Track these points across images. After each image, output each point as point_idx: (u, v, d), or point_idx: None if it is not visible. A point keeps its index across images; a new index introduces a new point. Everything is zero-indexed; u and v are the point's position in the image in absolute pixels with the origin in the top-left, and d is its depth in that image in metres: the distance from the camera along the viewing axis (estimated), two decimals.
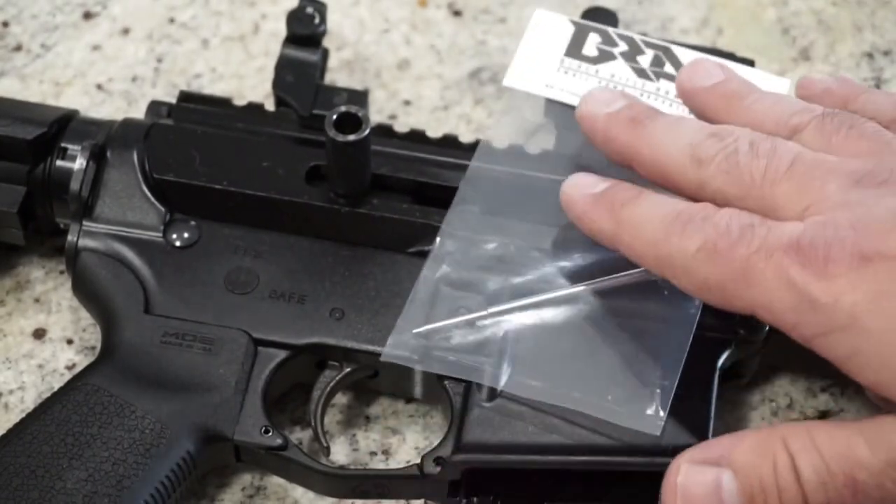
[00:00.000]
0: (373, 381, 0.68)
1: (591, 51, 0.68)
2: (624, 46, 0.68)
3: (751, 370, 0.68)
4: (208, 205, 0.67)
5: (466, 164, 0.67)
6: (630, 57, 0.68)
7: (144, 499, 0.62)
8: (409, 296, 0.64)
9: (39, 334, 0.71)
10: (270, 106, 0.71)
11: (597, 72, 0.68)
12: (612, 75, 0.67)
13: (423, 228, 0.66)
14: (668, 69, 0.68)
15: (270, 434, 0.64)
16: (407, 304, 0.64)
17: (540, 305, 0.64)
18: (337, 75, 0.78)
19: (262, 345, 0.65)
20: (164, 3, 0.81)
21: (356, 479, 0.65)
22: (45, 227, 0.70)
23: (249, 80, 0.78)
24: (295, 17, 0.71)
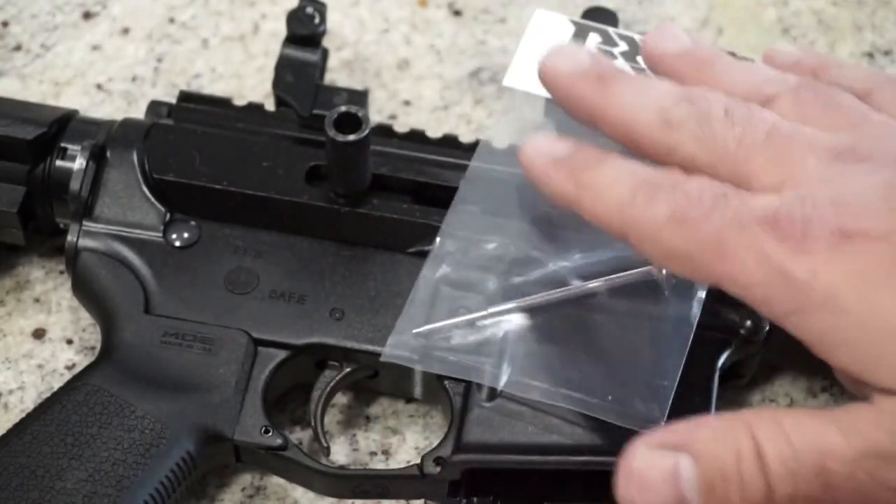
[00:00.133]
0: (373, 381, 0.68)
1: (591, 50, 0.68)
2: (624, 46, 0.68)
3: (751, 370, 0.68)
4: (208, 205, 0.67)
5: (466, 164, 0.67)
6: (630, 57, 0.68)
7: (144, 499, 0.62)
8: (409, 296, 0.64)
9: (39, 334, 0.71)
10: (270, 106, 0.71)
11: None
12: None
13: (423, 228, 0.66)
14: None
15: (270, 434, 0.64)
16: (407, 305, 0.64)
17: (540, 305, 0.64)
18: (337, 75, 0.78)
19: (262, 345, 0.65)
20: (164, 3, 0.81)
21: (356, 479, 0.65)
22: (45, 227, 0.70)
23: (249, 80, 0.78)
24: (295, 17, 0.71)
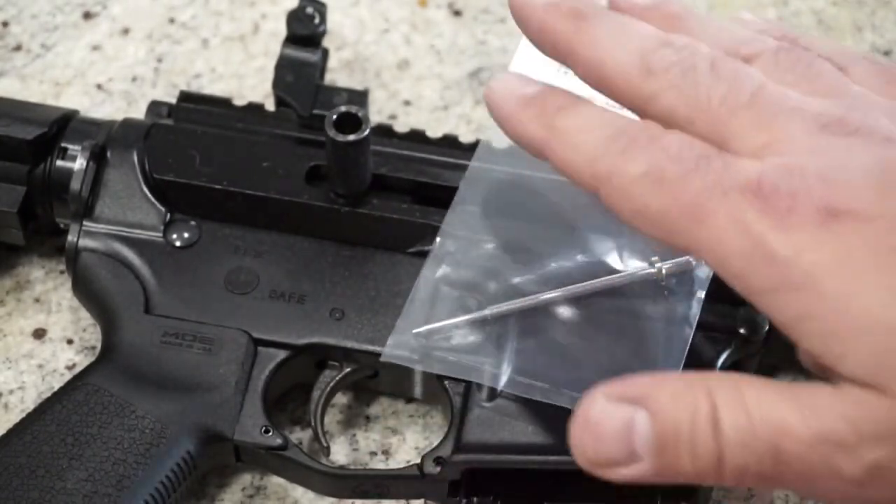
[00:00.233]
0: (373, 381, 0.68)
1: None
2: None
3: (751, 370, 0.68)
4: (208, 205, 0.67)
5: (466, 164, 0.67)
6: None
7: (144, 498, 0.62)
8: (409, 296, 0.64)
9: (39, 334, 0.71)
10: (270, 106, 0.71)
11: None
12: None
13: (423, 228, 0.66)
14: None
15: (270, 434, 0.64)
16: (407, 305, 0.64)
17: (540, 305, 0.64)
18: (337, 75, 0.78)
19: (262, 345, 0.65)
20: (164, 3, 0.81)
21: (356, 479, 0.65)
22: (45, 227, 0.70)
23: (249, 80, 0.78)
24: (295, 17, 0.71)
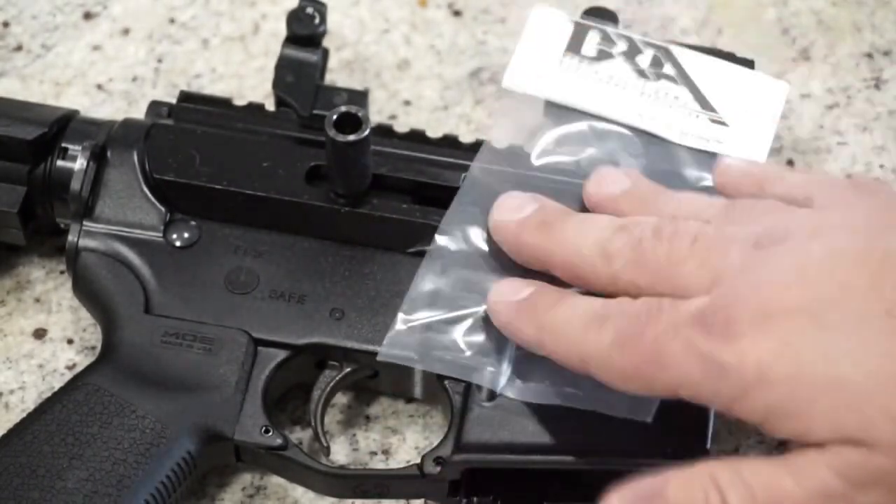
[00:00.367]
0: (373, 381, 0.68)
1: (590, 50, 0.68)
2: (623, 46, 0.68)
3: None
4: (208, 205, 0.67)
5: (466, 164, 0.67)
6: (629, 57, 0.68)
7: (145, 498, 0.62)
8: (407, 294, 0.64)
9: (40, 334, 0.71)
10: (270, 106, 0.71)
11: (596, 71, 0.67)
12: (612, 75, 0.67)
13: (423, 228, 0.66)
14: (668, 70, 0.68)
15: (270, 434, 0.64)
16: (404, 302, 0.64)
17: None
18: (337, 75, 0.78)
19: (263, 345, 0.65)
20: (164, 3, 0.81)
21: (356, 479, 0.65)
22: (46, 227, 0.70)
23: (249, 80, 0.78)
24: (295, 17, 0.71)
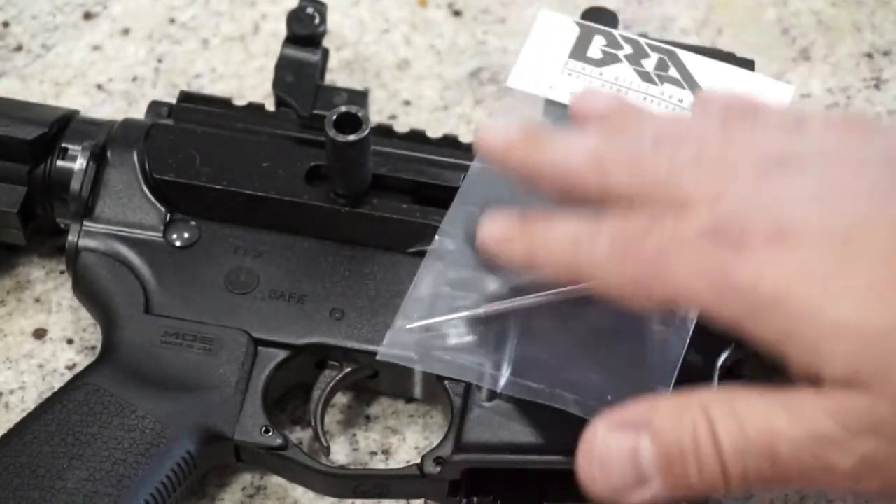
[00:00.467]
0: (373, 381, 0.68)
1: (595, 53, 0.68)
2: (629, 49, 0.68)
3: (750, 370, 0.68)
4: (208, 205, 0.67)
5: (466, 164, 0.67)
6: (634, 60, 0.68)
7: (145, 498, 0.62)
8: (407, 294, 0.64)
9: (40, 334, 0.71)
10: (270, 106, 0.71)
11: (601, 74, 0.67)
12: (616, 78, 0.67)
13: (423, 228, 0.66)
14: (673, 73, 0.67)
15: (270, 434, 0.64)
16: (404, 302, 0.64)
17: (539, 306, 0.64)
18: (337, 75, 0.78)
19: (263, 345, 0.65)
20: (164, 3, 0.81)
21: (356, 479, 0.65)
22: (46, 227, 0.70)
23: (249, 80, 0.78)
24: (295, 17, 0.71)
